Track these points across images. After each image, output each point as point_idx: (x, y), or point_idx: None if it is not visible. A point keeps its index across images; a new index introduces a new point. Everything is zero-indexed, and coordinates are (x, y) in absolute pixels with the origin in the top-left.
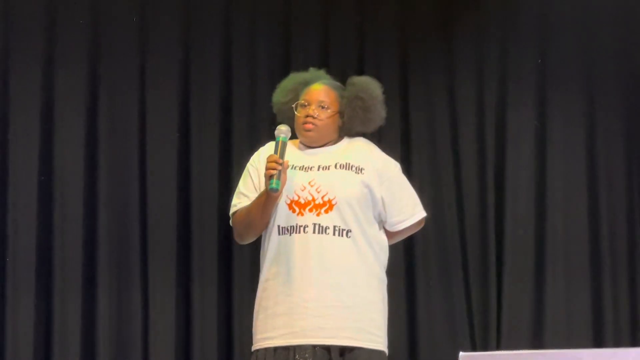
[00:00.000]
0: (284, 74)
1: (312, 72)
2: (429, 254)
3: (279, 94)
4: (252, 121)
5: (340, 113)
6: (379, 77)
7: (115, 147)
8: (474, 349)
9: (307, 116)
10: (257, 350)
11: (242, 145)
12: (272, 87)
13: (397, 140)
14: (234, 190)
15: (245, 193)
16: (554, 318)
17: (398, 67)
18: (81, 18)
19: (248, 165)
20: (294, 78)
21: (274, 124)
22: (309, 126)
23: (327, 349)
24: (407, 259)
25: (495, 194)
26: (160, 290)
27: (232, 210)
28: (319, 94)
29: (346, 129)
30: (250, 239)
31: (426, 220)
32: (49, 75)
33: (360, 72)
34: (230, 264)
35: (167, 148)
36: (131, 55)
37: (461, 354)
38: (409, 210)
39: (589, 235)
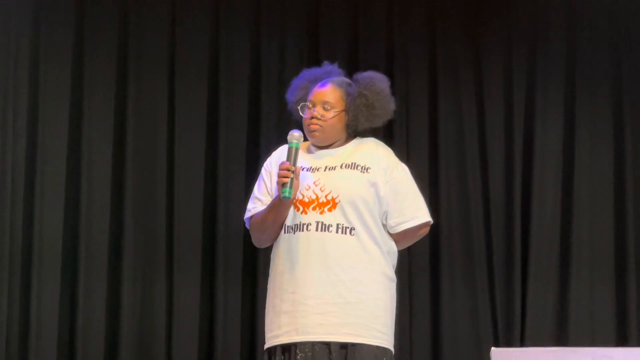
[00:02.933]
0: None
1: (324, 67)
2: (454, 253)
3: (290, 93)
4: (280, 123)
5: (346, 111)
6: (407, 75)
7: (143, 137)
8: (496, 346)
9: (312, 117)
10: (267, 349)
11: (269, 142)
12: None
13: (425, 144)
14: None
15: (259, 197)
16: (578, 318)
17: (427, 67)
18: (111, 16)
19: (262, 169)
20: (304, 75)
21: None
22: (314, 127)
23: (327, 345)
24: (432, 258)
25: (521, 195)
26: (185, 285)
27: (247, 214)
28: (323, 94)
29: (352, 126)
30: (267, 243)
31: (453, 220)
32: (78, 71)
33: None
34: (255, 260)
35: (195, 143)
36: (161, 55)
37: (493, 349)
38: (410, 212)
39: (614, 236)
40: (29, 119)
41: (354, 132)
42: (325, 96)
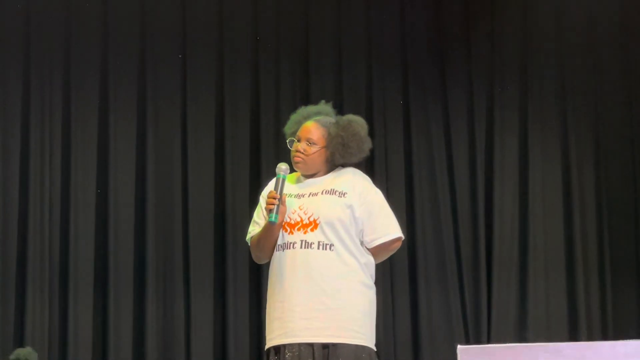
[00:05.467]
0: None
1: (319, 106)
2: (429, 262)
3: (287, 125)
4: (277, 152)
5: (326, 147)
6: (384, 113)
7: (161, 171)
8: (467, 342)
9: (297, 151)
10: (266, 351)
11: (269, 169)
12: None
13: (402, 172)
14: None
15: (258, 221)
16: (536, 317)
17: (402, 109)
18: (131, 53)
19: (260, 197)
20: (300, 112)
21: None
22: (297, 159)
23: (311, 345)
24: (410, 267)
25: (484, 211)
26: (200, 297)
27: (247, 236)
28: (308, 131)
29: (331, 161)
30: (264, 260)
31: (426, 234)
32: (104, 94)
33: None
34: (260, 274)
35: (206, 169)
36: (175, 93)
37: (459, 347)
38: (383, 229)
39: (564, 243)
40: (63, 155)
41: (332, 165)
42: (310, 133)
